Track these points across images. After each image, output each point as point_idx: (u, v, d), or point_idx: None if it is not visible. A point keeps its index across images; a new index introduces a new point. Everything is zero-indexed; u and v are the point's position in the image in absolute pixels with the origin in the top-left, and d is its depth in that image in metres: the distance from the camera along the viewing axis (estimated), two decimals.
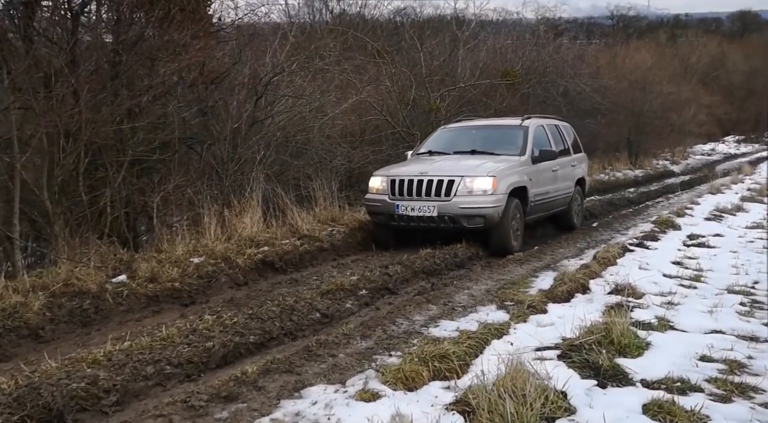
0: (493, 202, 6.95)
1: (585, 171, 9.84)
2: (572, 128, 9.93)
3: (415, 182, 7.19)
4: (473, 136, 8.53)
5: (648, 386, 3.22)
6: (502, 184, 7.05)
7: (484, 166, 7.23)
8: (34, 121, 5.64)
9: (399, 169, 7.66)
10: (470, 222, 6.96)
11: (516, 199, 7.30)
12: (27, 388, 3.16)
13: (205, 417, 3.05)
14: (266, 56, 9.12)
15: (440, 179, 7.08)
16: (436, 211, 7.00)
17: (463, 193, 6.97)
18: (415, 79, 12.04)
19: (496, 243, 7.21)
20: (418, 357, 3.62)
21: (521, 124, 8.32)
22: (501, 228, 7.09)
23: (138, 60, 6.68)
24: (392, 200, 7.31)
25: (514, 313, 4.59)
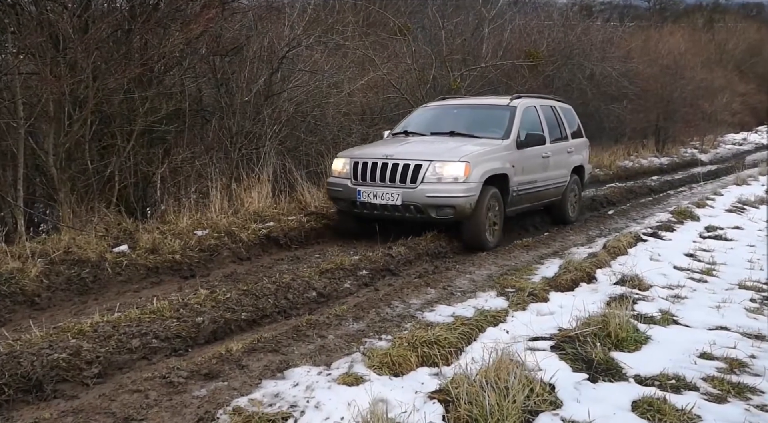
0: (464, 191, 6.10)
1: (585, 158, 8.90)
2: (573, 110, 9.01)
3: (379, 166, 6.38)
4: (454, 116, 7.70)
5: (641, 382, 3.09)
6: (477, 170, 6.20)
7: (456, 150, 6.41)
8: (41, 86, 5.61)
9: (364, 150, 6.89)
10: (439, 213, 6.16)
11: (494, 188, 6.48)
12: (7, 357, 3.14)
13: (183, 394, 3.00)
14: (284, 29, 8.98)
15: (406, 163, 6.26)
16: (400, 200, 6.21)
17: (432, 180, 6.15)
18: (436, 58, 11.80)
19: (468, 237, 6.42)
20: (408, 342, 3.53)
21: (508, 104, 7.44)
22: (474, 220, 6.28)
23: (149, 28, 6.60)
24: (354, 185, 6.51)
25: (514, 301, 4.47)
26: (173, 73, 7.31)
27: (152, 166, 6.90)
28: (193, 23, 6.64)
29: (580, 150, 8.66)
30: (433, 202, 6.15)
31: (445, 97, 8.74)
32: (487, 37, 13.33)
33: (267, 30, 8.69)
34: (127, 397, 2.91)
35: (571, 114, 8.78)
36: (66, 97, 5.74)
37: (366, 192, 6.41)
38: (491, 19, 13.46)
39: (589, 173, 9.18)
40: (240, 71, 8.01)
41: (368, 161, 6.47)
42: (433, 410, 2.74)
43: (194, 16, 6.77)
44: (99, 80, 5.96)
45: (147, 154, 6.93)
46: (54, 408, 2.91)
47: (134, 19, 6.38)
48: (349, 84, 10.01)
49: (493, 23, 13.62)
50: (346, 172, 6.64)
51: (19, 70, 5.60)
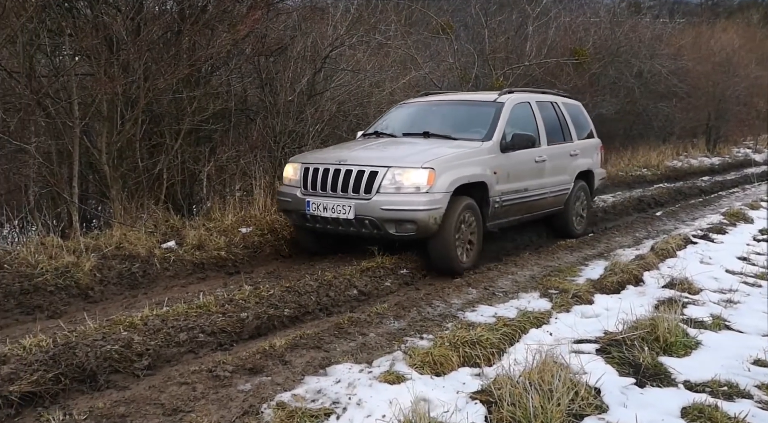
0: (427, 203, 5.10)
1: (595, 162, 7.74)
2: (581, 107, 7.98)
3: (331, 173, 5.44)
4: (432, 114, 6.75)
5: (691, 388, 3.01)
6: (444, 178, 5.20)
7: (421, 155, 5.40)
8: (96, 86, 5.81)
9: (317, 155, 5.95)
10: (398, 229, 5.18)
11: (469, 199, 5.49)
12: (64, 347, 3.27)
13: (228, 388, 3.07)
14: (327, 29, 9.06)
15: (360, 170, 5.29)
16: (352, 213, 5.24)
17: (389, 190, 5.18)
18: (478, 56, 11.71)
19: (435, 258, 5.39)
20: (449, 341, 3.53)
21: (495, 100, 6.42)
22: (440, 238, 5.25)
23: (198, 30, 6.76)
24: (303, 195, 5.59)
25: (557, 302, 4.41)
26: (220, 73, 7.47)
27: (198, 165, 7.06)
28: (239, 24, 6.77)
29: (588, 152, 7.58)
30: (390, 216, 5.15)
31: (429, 93, 7.83)
32: (531, 35, 13.15)
33: (311, 30, 8.78)
34: (176, 389, 2.99)
35: (578, 112, 7.80)
36: (119, 98, 5.94)
37: (315, 203, 5.46)
38: (536, 17, 13.27)
39: (601, 179, 8.05)
40: (284, 71, 8.12)
41: (319, 167, 5.54)
42: (475, 411, 2.73)
43: (241, 18, 6.90)
44: (150, 81, 6.13)
45: (194, 152, 7.10)
46: (107, 398, 3.01)
47: (183, 21, 6.54)
48: (391, 83, 10.03)
49: (538, 21, 13.42)
50: (296, 180, 5.73)
51: (75, 72, 5.80)
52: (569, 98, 7.79)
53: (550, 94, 7.55)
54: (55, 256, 4.78)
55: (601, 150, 7.96)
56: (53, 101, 5.69)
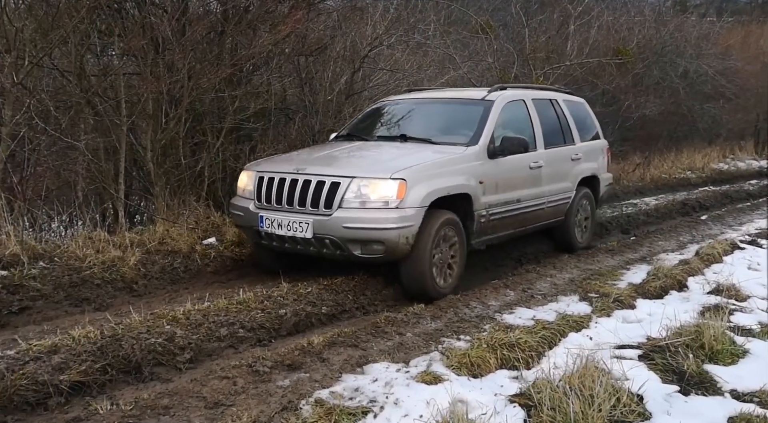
0: (396, 221, 4.39)
1: (601, 166, 6.99)
2: (586, 105, 7.25)
3: (287, 183, 4.72)
4: (413, 114, 5.98)
5: (738, 398, 2.93)
6: (417, 190, 4.49)
7: (390, 163, 4.74)
8: (142, 85, 5.96)
9: (276, 161, 5.25)
10: (364, 250, 4.50)
11: (449, 213, 4.81)
12: (111, 339, 3.37)
13: (268, 383, 3.11)
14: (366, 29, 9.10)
15: (320, 180, 4.58)
16: (310, 231, 4.53)
17: (352, 204, 4.48)
18: (518, 56, 11.59)
19: (407, 282, 4.71)
20: (487, 343, 3.52)
21: (483, 98, 5.63)
22: (414, 260, 4.56)
23: (240, 30, 6.87)
24: (257, 209, 4.89)
25: (598, 306, 4.34)
26: (261, 72, 7.58)
27: (239, 163, 7.17)
28: (281, 25, 6.85)
29: (592, 156, 6.84)
30: (354, 235, 4.44)
31: (413, 89, 7.09)
32: (572, 34, 12.94)
33: (350, 30, 8.84)
34: (217, 383, 3.05)
35: (582, 110, 7.04)
36: (163, 96, 6.07)
37: (270, 219, 4.73)
38: (577, 16, 13.06)
39: (608, 185, 7.31)
40: (323, 71, 8.19)
41: (275, 177, 4.82)
42: (514, 414, 2.71)
43: (282, 18, 6.98)
44: (193, 80, 6.26)
45: (234, 150, 7.21)
46: (151, 389, 3.09)
47: (227, 21, 6.65)
48: (429, 83, 10.01)
49: (580, 20, 13.20)
50: (250, 191, 5.02)
51: (123, 71, 5.96)
52: (571, 95, 7.13)
53: (550, 90, 6.87)
54: (102, 251, 4.93)
55: (607, 152, 7.27)
56: (102, 100, 5.86)
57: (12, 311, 4.07)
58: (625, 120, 13.40)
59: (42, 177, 5.57)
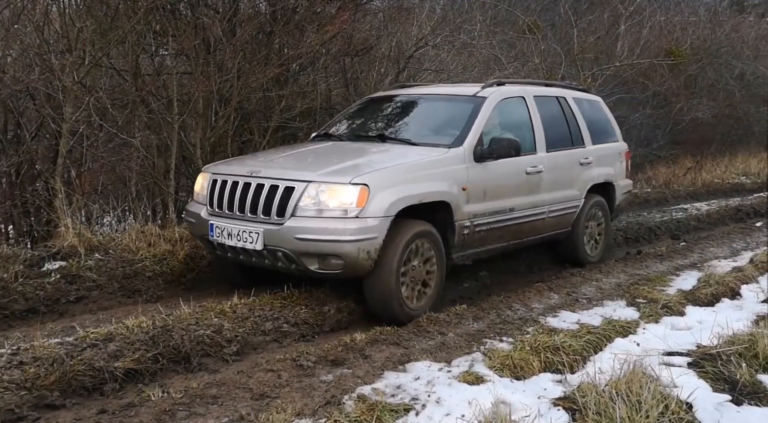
0: (356, 232, 3.88)
1: (618, 172, 6.35)
2: (602, 103, 6.60)
3: (239, 187, 4.23)
4: (398, 112, 5.51)
5: None
6: (382, 198, 3.97)
7: (353, 166, 4.25)
8: (193, 84, 6.13)
9: (232, 164, 4.73)
10: (321, 264, 3.99)
11: (424, 224, 4.29)
12: (162, 330, 3.49)
13: (311, 377, 3.16)
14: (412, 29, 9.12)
15: (273, 184, 4.09)
16: (260, 242, 4.02)
17: (308, 212, 3.96)
18: (565, 57, 11.42)
19: (372, 302, 4.20)
20: (530, 345, 3.50)
21: (475, 95, 5.09)
22: (378, 277, 4.05)
23: (288, 31, 6.99)
24: (208, 216, 4.40)
25: (645, 312, 4.25)
26: (307, 72, 7.69)
27: None
28: (328, 25, 6.94)
29: (607, 160, 6.18)
30: (307, 247, 3.93)
31: (405, 85, 6.54)
32: (623, 34, 12.67)
33: (396, 30, 8.87)
34: (262, 376, 3.12)
35: (596, 110, 6.38)
36: (213, 95, 6.23)
37: (220, 228, 4.24)
38: (628, 16, 12.78)
39: (626, 193, 6.62)
40: (368, 71, 8.25)
41: (228, 180, 4.34)
42: (558, 417, 2.68)
43: (329, 19, 7.07)
44: (242, 79, 6.40)
45: None
46: (200, 379, 3.19)
47: (275, 22, 6.77)
48: None
49: (631, 20, 12.92)
50: (204, 196, 4.53)
51: (175, 71, 6.15)
52: (585, 92, 6.52)
53: (558, 87, 6.21)
54: (153, 244, 5.09)
55: (626, 157, 6.58)
56: (155, 98, 6.05)
57: (70, 300, 4.26)
58: (676, 123, 13.05)
59: (98, 172, 5.78)
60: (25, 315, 4.03)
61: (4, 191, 5.47)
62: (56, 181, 5.31)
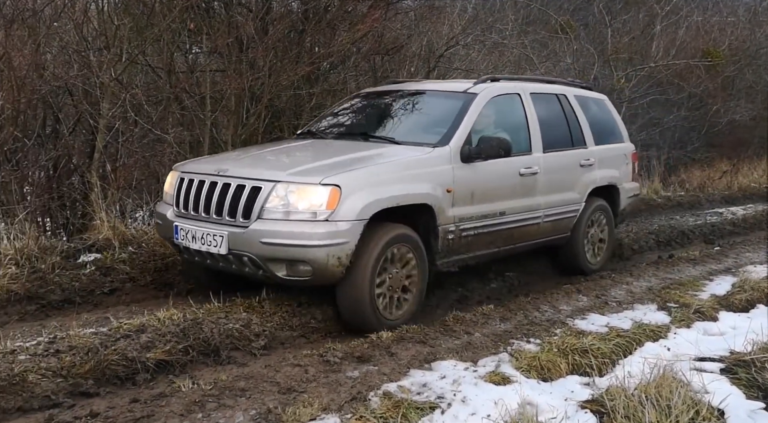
0: (325, 236, 3.63)
1: (623, 174, 5.97)
2: (607, 102, 6.22)
3: (206, 187, 3.98)
4: (385, 109, 5.21)
5: None
6: (355, 199, 3.72)
7: (326, 165, 4.00)
8: (225, 82, 6.23)
9: (202, 162, 4.54)
10: (290, 270, 3.74)
11: (403, 227, 4.04)
12: (192, 322, 3.55)
13: (338, 373, 3.18)
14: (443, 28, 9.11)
15: (240, 184, 3.83)
16: (225, 246, 3.78)
17: (275, 215, 3.72)
18: (598, 57, 11.26)
19: (344, 311, 3.96)
20: (558, 347, 3.48)
21: (466, 91, 4.83)
22: (351, 285, 3.81)
23: (320, 29, 7.04)
24: (174, 217, 4.16)
25: (677, 317, 4.17)
26: (337, 71, 7.73)
27: None
28: (359, 24, 6.97)
29: (611, 162, 5.82)
30: (273, 252, 3.69)
31: (396, 81, 6.29)
32: (658, 34, 12.45)
33: (427, 29, 8.86)
34: (290, 370, 3.15)
35: (601, 108, 6.02)
36: (245, 93, 6.31)
37: (184, 230, 3.99)
38: (664, 16, 12.54)
39: (632, 197, 6.22)
40: (399, 69, 8.26)
41: (195, 179, 4.08)
42: (585, 420, 2.66)
43: (361, 17, 7.10)
44: (273, 77, 6.46)
45: None
46: (228, 372, 3.24)
47: (307, 20, 6.83)
48: None
49: (667, 20, 12.68)
50: (171, 196, 4.28)
51: (209, 68, 6.25)
52: (589, 90, 6.14)
53: (559, 84, 5.89)
54: None
55: (633, 159, 6.20)
56: (188, 95, 6.16)
57: (104, 292, 4.37)
58: (712, 125, 12.79)
59: (133, 167, 5.91)
60: (61, 305, 4.14)
61: (42, 184, 5.62)
62: (92, 175, 5.44)
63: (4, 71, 5.04)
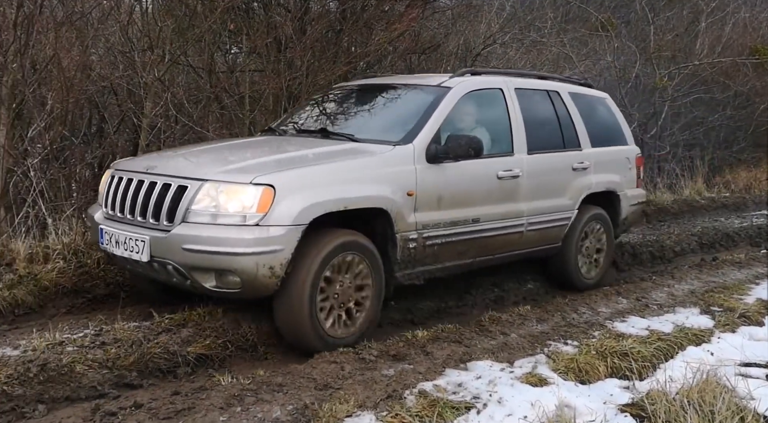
0: (254, 243, 3.21)
1: (626, 179, 5.44)
2: (608, 100, 5.70)
3: (132, 186, 3.61)
4: (353, 105, 4.91)
5: None
6: (291, 202, 3.29)
7: (261, 163, 3.62)
8: (264, 82, 6.31)
9: (138, 160, 4.14)
10: (220, 282, 3.31)
11: (353, 234, 3.61)
12: (231, 318, 3.63)
13: (373, 371, 3.19)
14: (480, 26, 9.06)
15: (166, 183, 3.44)
16: (146, 252, 3.38)
17: (202, 217, 3.30)
18: (640, 55, 11.03)
19: (282, 328, 3.51)
20: (596, 350, 3.43)
21: (439, 85, 4.41)
22: (287, 300, 3.38)
23: (357, 29, 7.08)
24: (101, 220, 3.78)
25: (721, 321, 4.07)
26: (374, 70, 7.76)
27: None
28: (396, 23, 6.98)
29: (610, 166, 5.30)
30: (196, 261, 3.27)
31: (373, 75, 5.85)
32: (703, 31, 12.12)
33: (464, 28, 8.82)
34: (326, 367, 3.18)
35: (600, 107, 5.52)
36: (283, 92, 6.39)
37: (109, 233, 3.62)
38: (710, 12, 12.21)
39: (636, 205, 5.63)
40: (435, 68, 8.24)
41: (123, 177, 3.72)
42: None
43: (398, 17, 7.11)
44: (311, 77, 6.53)
45: None
46: (266, 367, 3.29)
47: (345, 20, 6.87)
48: None
49: (712, 16, 12.34)
50: (102, 196, 3.91)
51: (248, 68, 6.35)
52: (587, 87, 5.63)
53: (552, 79, 5.36)
54: None
55: (638, 163, 5.63)
56: (228, 95, 6.27)
57: None
58: (759, 125, 12.40)
59: None
60: (106, 299, 4.26)
61: (87, 182, 5.81)
62: None
63: (54, 72, 5.21)
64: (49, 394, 2.85)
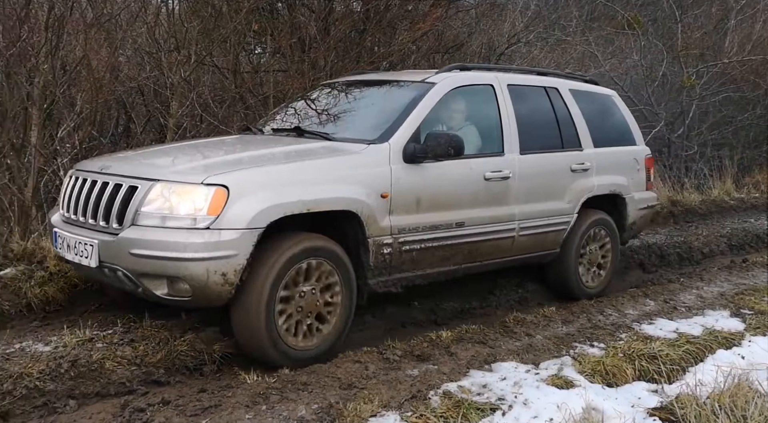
0: (204, 248, 2.99)
1: (633, 181, 5.09)
2: (616, 98, 5.34)
3: (86, 187, 3.41)
4: (332, 101, 4.57)
5: None
6: (246, 203, 3.07)
7: (216, 162, 3.45)
8: (288, 82, 6.35)
9: (98, 159, 3.90)
10: (172, 289, 3.08)
11: (320, 239, 3.38)
12: None
13: (397, 371, 3.19)
14: (504, 25, 9.01)
15: (118, 183, 3.24)
16: (95, 257, 3.17)
17: (152, 220, 3.09)
18: (667, 53, 10.86)
19: (240, 338, 3.26)
20: (623, 352, 3.39)
21: (423, 81, 4.15)
22: (243, 309, 3.15)
23: (381, 29, 7.09)
24: (56, 223, 3.61)
25: (752, 324, 3.99)
26: (397, 69, 7.76)
27: None
28: (420, 23, 6.97)
29: (615, 167, 4.98)
30: (144, 266, 3.06)
31: (362, 72, 5.61)
32: (732, 29, 11.90)
33: (487, 27, 8.78)
34: (350, 366, 3.18)
35: (605, 105, 5.21)
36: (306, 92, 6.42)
37: (62, 237, 3.43)
38: (740, 10, 11.97)
39: (645, 208, 5.26)
40: None
41: (79, 177, 3.53)
42: None
43: (421, 16, 7.10)
44: (334, 77, 6.55)
45: None
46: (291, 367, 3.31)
47: (368, 20, 6.89)
48: None
49: (742, 14, 12.10)
50: (60, 197, 3.75)
51: (272, 68, 6.40)
52: (591, 84, 5.30)
53: (552, 76, 5.06)
54: None
55: (648, 164, 5.28)
56: (252, 95, 6.32)
57: None
58: None
59: None
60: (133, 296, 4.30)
61: None
62: None
63: (83, 73, 5.31)
64: (79, 389, 2.90)
